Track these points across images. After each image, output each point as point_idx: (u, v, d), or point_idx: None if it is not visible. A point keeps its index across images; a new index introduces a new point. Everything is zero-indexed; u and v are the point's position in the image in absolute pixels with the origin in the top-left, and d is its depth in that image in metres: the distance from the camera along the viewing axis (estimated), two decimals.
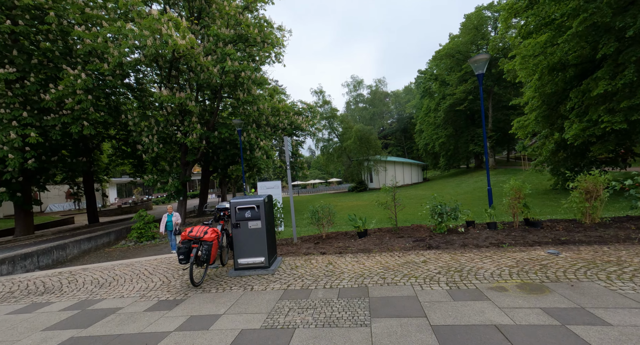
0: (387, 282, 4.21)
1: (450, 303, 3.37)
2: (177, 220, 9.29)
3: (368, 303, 3.58)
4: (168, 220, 9.20)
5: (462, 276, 4.16)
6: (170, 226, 9.22)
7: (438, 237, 6.50)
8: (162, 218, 9.31)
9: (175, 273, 5.62)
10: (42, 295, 5.06)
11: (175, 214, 9.39)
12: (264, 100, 15.56)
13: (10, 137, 11.89)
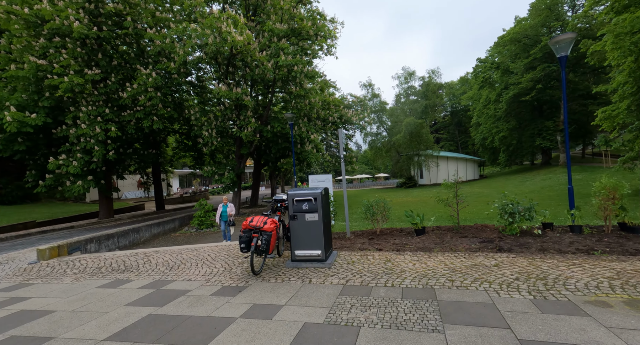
0: (456, 285, 3.86)
1: (538, 315, 2.95)
2: (231, 211, 9.62)
3: (437, 306, 3.30)
4: (223, 210, 9.61)
5: (547, 285, 3.64)
6: (225, 217, 9.58)
7: (509, 239, 5.86)
8: (218, 208, 9.72)
9: (235, 260, 5.85)
10: (123, 273, 5.61)
11: (230, 205, 9.71)
12: (315, 94, 15.59)
13: (96, 131, 13.50)
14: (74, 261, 6.70)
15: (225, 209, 9.61)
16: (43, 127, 13.73)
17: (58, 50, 12.87)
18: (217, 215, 9.63)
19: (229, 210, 9.56)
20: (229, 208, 9.62)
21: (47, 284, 5.20)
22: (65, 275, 5.70)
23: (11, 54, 13.80)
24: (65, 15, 11.95)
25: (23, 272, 6.07)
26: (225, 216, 9.58)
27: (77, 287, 4.93)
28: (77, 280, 5.29)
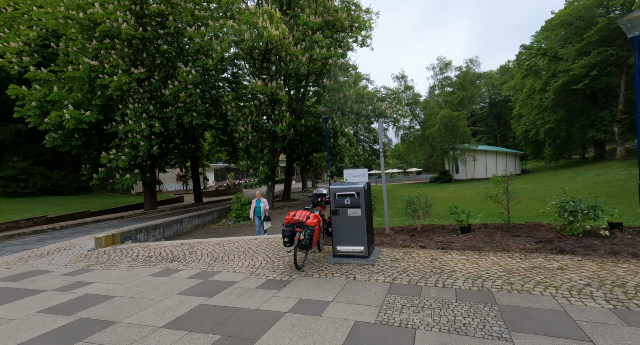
0: (516, 288, 3.57)
1: (624, 328, 2.62)
2: (265, 206, 9.62)
3: (499, 311, 3.06)
4: (256, 206, 9.62)
5: (627, 294, 3.25)
6: (258, 212, 9.58)
7: (570, 239, 5.36)
8: (251, 203, 9.79)
9: (276, 254, 5.90)
10: (172, 262, 5.87)
11: (263, 200, 9.71)
12: (349, 87, 15.33)
13: (141, 127, 14.30)
14: (127, 249, 7.14)
15: (258, 205, 9.61)
16: (96, 123, 14.79)
17: (108, 52, 13.73)
18: (251, 210, 9.71)
19: (262, 206, 9.55)
20: (263, 203, 9.62)
21: (106, 270, 5.57)
22: (121, 262, 6.08)
23: (68, 56, 14.96)
24: (115, 18, 12.67)
25: (84, 258, 6.58)
26: (259, 212, 9.59)
27: (132, 274, 5.22)
28: (131, 268, 5.62)
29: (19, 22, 14.24)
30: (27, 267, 6.16)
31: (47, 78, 14.21)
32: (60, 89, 14.18)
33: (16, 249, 7.99)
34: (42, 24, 13.95)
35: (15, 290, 4.76)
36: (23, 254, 7.38)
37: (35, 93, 13.78)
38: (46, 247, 7.99)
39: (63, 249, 7.72)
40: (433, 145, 43.49)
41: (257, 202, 9.67)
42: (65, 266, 6.06)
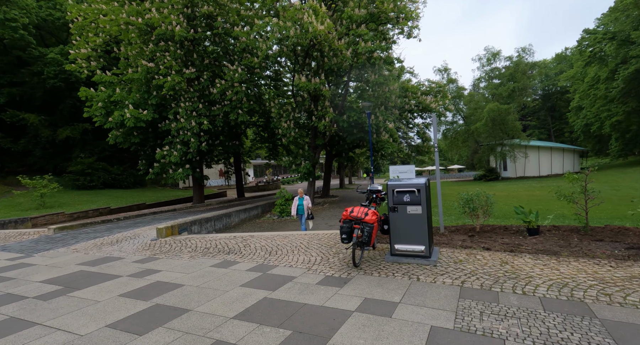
0: (617, 301, 3.14)
1: None
2: (308, 203, 9.40)
3: (602, 327, 2.69)
4: (299, 203, 9.40)
5: None
6: (302, 210, 9.35)
7: None
8: (294, 201, 9.53)
9: (329, 250, 5.84)
10: (229, 254, 6.06)
11: (306, 197, 9.48)
12: (393, 81, 14.85)
13: (191, 125, 15.07)
14: (185, 240, 7.54)
15: (301, 202, 9.38)
16: (151, 122, 15.86)
17: (162, 54, 14.60)
18: (293, 208, 9.42)
19: (305, 204, 9.34)
20: (306, 201, 9.40)
21: (170, 260, 5.90)
22: (182, 253, 6.41)
23: (127, 60, 16.18)
24: (169, 21, 13.42)
25: (149, 247, 7.05)
26: (302, 209, 9.36)
27: (194, 265, 5.47)
28: (192, 258, 5.89)
29: (87, 30, 15.65)
30: (102, 253, 6.73)
31: (111, 80, 15.49)
32: (122, 90, 15.37)
33: (90, 236, 8.81)
34: (107, 31, 15.18)
35: (96, 274, 5.20)
36: (96, 241, 8.10)
37: (101, 94, 15.09)
38: (115, 236, 8.71)
39: (129, 237, 8.36)
40: (478, 141, 40.96)
41: (299, 199, 9.42)
42: (134, 254, 6.53)
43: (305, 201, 9.39)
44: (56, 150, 26.99)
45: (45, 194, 18.29)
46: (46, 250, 7.22)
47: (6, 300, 4.19)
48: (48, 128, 25.77)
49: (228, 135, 20.68)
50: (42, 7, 25.49)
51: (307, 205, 9.33)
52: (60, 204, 19.17)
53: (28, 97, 25.84)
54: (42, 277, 5.18)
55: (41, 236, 9.01)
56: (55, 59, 23.87)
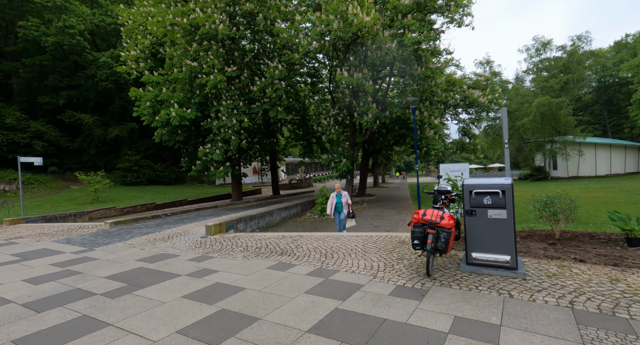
0: None
1: None
2: (347, 200, 8.43)
3: None
4: (337, 201, 8.45)
5: None
6: (340, 208, 8.43)
7: None
8: (330, 198, 8.48)
9: (389, 255, 5.41)
10: (282, 255, 5.82)
11: (344, 193, 8.50)
12: (439, 74, 13.96)
13: (232, 123, 15.23)
14: (234, 239, 7.45)
15: (339, 200, 8.43)
16: (194, 120, 16.27)
17: (205, 53, 14.87)
18: (329, 206, 8.36)
19: (344, 201, 8.39)
20: (344, 198, 8.45)
21: (224, 259, 5.78)
22: (234, 252, 6.28)
23: (171, 60, 16.70)
24: (212, 20, 13.59)
25: (200, 245, 7.03)
26: (340, 207, 8.42)
27: (250, 266, 5.28)
28: (246, 259, 5.72)
29: (136, 33, 16.34)
30: (157, 249, 6.81)
31: (157, 80, 16.06)
32: (167, 90, 15.89)
33: (142, 231, 9.06)
34: (154, 33, 15.75)
35: (155, 272, 5.18)
36: (149, 236, 8.29)
37: (149, 94, 15.70)
38: (165, 232, 8.89)
39: (179, 234, 8.47)
40: (524, 139, 38.21)
41: (337, 196, 8.47)
42: (187, 251, 6.52)
43: (344, 198, 8.47)
44: (107, 148, 28.84)
45: (99, 189, 19.51)
46: (105, 245, 7.46)
47: (77, 296, 4.23)
48: (100, 127, 27.58)
49: (265, 133, 20.80)
50: (96, 14, 27.24)
51: (346, 202, 8.45)
52: (111, 198, 20.38)
53: (83, 99, 27.81)
54: (106, 272, 5.25)
55: (99, 230, 9.44)
56: (106, 62, 25.43)
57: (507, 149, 6.29)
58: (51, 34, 23.29)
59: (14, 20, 25.22)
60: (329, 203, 8.36)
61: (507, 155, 6.30)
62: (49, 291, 4.44)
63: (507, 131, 6.31)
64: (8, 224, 11.21)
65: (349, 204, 8.44)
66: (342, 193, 8.52)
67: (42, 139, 24.68)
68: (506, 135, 6.17)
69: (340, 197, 8.48)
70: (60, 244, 7.74)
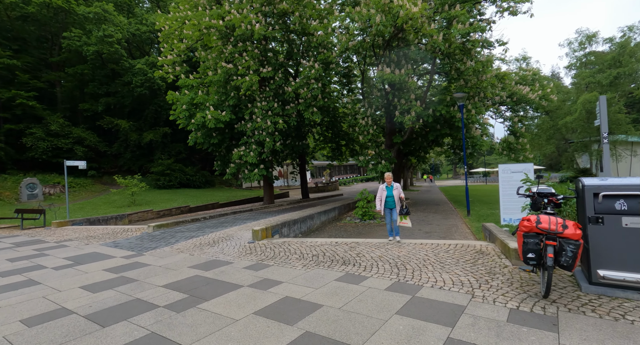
0: None
1: None
2: (400, 193, 6.81)
3: None
4: (388, 194, 6.81)
5: None
6: (392, 202, 6.78)
7: None
8: (379, 191, 6.90)
9: (474, 267, 4.68)
10: (346, 265, 5.24)
11: (396, 185, 6.88)
12: (489, 68, 12.97)
13: (267, 124, 14.94)
14: (284, 245, 6.96)
15: (391, 193, 6.80)
16: (228, 123, 16.16)
17: (240, 55, 14.73)
18: (379, 201, 6.84)
19: (396, 194, 6.76)
20: (396, 191, 6.81)
21: (282, 268, 5.27)
22: (289, 259, 5.77)
23: (205, 63, 16.74)
24: (249, 21, 13.40)
25: (251, 251, 6.59)
26: (392, 202, 6.78)
27: (314, 277, 4.73)
28: (307, 268, 5.19)
29: (173, 38, 16.54)
30: (207, 255, 6.43)
31: (193, 83, 16.12)
32: (202, 93, 15.90)
33: (185, 235, 8.81)
34: (189, 37, 15.85)
35: (214, 281, 4.74)
36: (194, 241, 7.99)
37: (185, 97, 15.77)
38: (209, 236, 8.57)
39: (224, 238, 8.11)
40: (566, 138, 35.68)
41: (388, 188, 6.85)
42: (239, 258, 6.09)
43: (396, 191, 6.81)
44: (141, 152, 29.68)
45: (135, 192, 19.89)
46: (153, 249, 7.21)
47: (139, 308, 3.84)
48: (135, 132, 28.43)
49: (296, 135, 20.47)
50: (132, 23, 28.24)
51: (398, 195, 6.77)
52: (147, 201, 20.73)
53: (119, 105, 28.82)
54: (162, 280, 4.89)
55: (143, 233, 9.29)
56: (142, 69, 26.20)
57: (606, 144, 5.40)
58: (92, 43, 24.30)
59: (59, 33, 26.59)
60: (378, 197, 6.89)
61: (606, 152, 5.40)
62: (109, 301, 4.10)
63: (606, 122, 5.41)
64: (56, 226, 11.41)
65: (401, 198, 6.79)
66: (394, 185, 6.88)
67: (82, 144, 25.72)
68: (605, 127, 5.29)
69: (391, 189, 6.84)
70: (108, 247, 7.59)
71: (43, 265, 6.14)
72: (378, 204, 6.89)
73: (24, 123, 23.98)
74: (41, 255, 7.09)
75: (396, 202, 6.79)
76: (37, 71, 26.33)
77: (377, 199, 6.91)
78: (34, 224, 12.41)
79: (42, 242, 8.72)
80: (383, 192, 6.86)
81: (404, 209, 6.74)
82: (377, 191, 6.91)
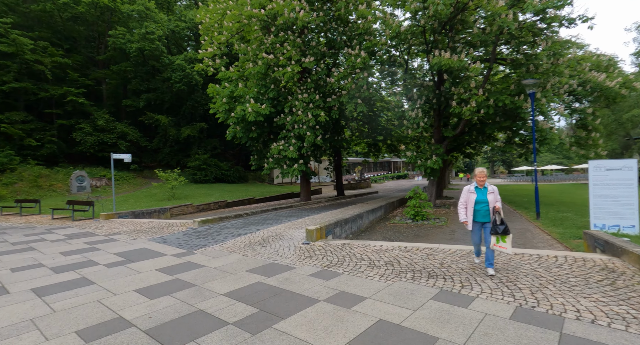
0: None
1: None
2: (496, 200, 4.52)
3: None
4: (479, 198, 4.53)
5: None
6: (485, 214, 4.51)
7: None
8: (464, 194, 4.73)
9: (623, 293, 3.63)
10: (435, 279, 4.35)
11: (491, 188, 4.59)
12: (568, 50, 11.34)
13: (308, 117, 14.25)
14: (344, 248, 6.19)
15: (484, 197, 4.54)
16: (267, 116, 15.67)
17: (281, 44, 14.11)
18: (463, 208, 4.75)
19: (491, 200, 4.51)
20: (491, 195, 4.54)
21: (357, 278, 4.49)
22: (360, 268, 4.98)
23: (245, 55, 16.33)
24: (292, 7, 12.72)
25: (309, 254, 5.88)
26: (486, 213, 4.52)
27: (402, 292, 3.90)
28: (387, 280, 4.36)
29: (213, 30, 16.28)
30: (261, 257, 5.81)
31: (233, 76, 15.79)
32: (243, 86, 15.51)
33: (232, 232, 8.33)
34: (229, 29, 15.48)
35: (281, 291, 4.06)
36: (243, 239, 7.45)
37: (225, 90, 15.47)
38: (256, 234, 8.01)
39: (274, 237, 7.50)
40: (630, 134, 32.01)
41: (479, 191, 4.60)
42: (299, 262, 5.40)
43: (492, 195, 4.53)
44: (179, 147, 30.34)
45: (175, 186, 20.12)
46: (202, 247, 6.73)
47: (205, 323, 3.23)
48: (174, 128, 29.04)
49: (334, 130, 19.67)
50: (171, 19, 28.77)
51: (493, 201, 4.50)
52: (185, 195, 20.95)
53: (159, 101, 29.55)
54: (222, 286, 4.29)
55: (189, 229, 8.95)
56: (180, 65, 26.57)
57: None
58: (135, 40, 24.95)
59: (105, 32, 27.66)
60: (462, 202, 4.75)
61: None
62: (169, 312, 3.54)
63: None
64: (104, 218, 11.49)
65: (496, 208, 4.42)
66: (488, 186, 4.61)
67: (125, 139, 26.63)
68: None
69: (484, 193, 4.55)
70: (157, 243, 7.24)
71: (95, 261, 5.82)
72: (462, 213, 4.74)
73: (74, 119, 25.20)
74: (92, 249, 6.86)
75: (490, 213, 4.48)
76: (85, 69, 27.59)
77: (460, 205, 4.79)
78: (84, 215, 12.65)
79: (92, 234, 8.61)
80: (471, 196, 4.62)
81: (500, 224, 4.31)
82: (461, 194, 4.82)
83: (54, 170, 22.66)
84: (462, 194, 4.82)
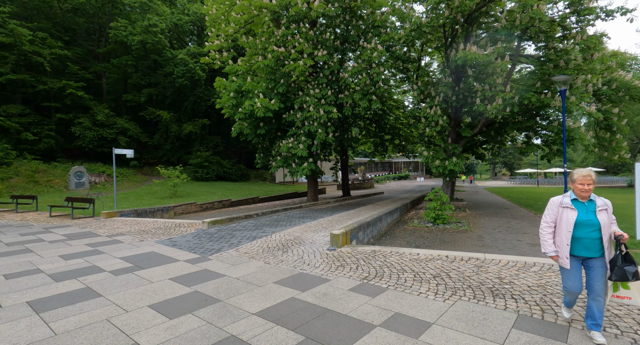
0: None
1: None
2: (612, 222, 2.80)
3: None
4: (582, 218, 2.77)
5: None
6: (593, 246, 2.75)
7: None
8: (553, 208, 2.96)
9: None
10: (503, 299, 3.71)
11: (602, 202, 2.80)
12: (602, 45, 10.74)
13: (320, 114, 13.58)
14: (377, 256, 5.55)
15: (591, 216, 2.77)
16: (276, 112, 15.00)
17: (293, 37, 13.44)
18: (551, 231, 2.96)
19: (603, 220, 2.74)
20: (603, 212, 2.78)
21: (405, 294, 3.85)
22: (404, 281, 4.34)
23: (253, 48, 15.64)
24: None
25: (340, 263, 5.23)
26: (596, 243, 2.75)
27: (471, 316, 3.26)
28: (444, 298, 3.73)
29: (220, 22, 15.59)
30: (286, 265, 5.16)
31: (241, 69, 15.10)
32: (251, 80, 14.83)
33: (245, 235, 7.68)
34: (237, 20, 14.79)
35: (323, 311, 3.41)
36: (260, 242, 6.80)
37: (233, 84, 14.78)
38: (272, 237, 7.36)
39: (292, 242, 6.85)
40: None
41: (582, 206, 2.83)
42: (330, 272, 4.75)
43: (604, 214, 2.77)
44: (180, 143, 29.60)
45: (177, 184, 19.42)
46: (217, 252, 6.07)
47: None
48: (175, 124, 28.30)
49: (342, 128, 19.02)
50: (174, 12, 28.02)
51: (608, 224, 2.77)
52: (187, 193, 20.26)
53: (161, 96, 28.80)
54: (252, 303, 3.64)
55: (198, 230, 8.29)
56: (183, 59, 25.82)
57: None
58: (136, 33, 24.18)
59: (105, 24, 26.87)
60: (547, 224, 3.00)
61: None
62: (196, 338, 2.89)
63: None
64: (105, 217, 10.80)
65: (623, 238, 2.65)
66: (597, 200, 2.84)
67: (125, 134, 25.87)
68: None
69: (591, 209, 2.82)
70: (166, 246, 6.57)
71: (99, 268, 5.16)
72: (548, 240, 2.97)
73: (73, 113, 24.42)
74: (95, 252, 6.19)
75: (605, 245, 2.76)
76: (85, 62, 26.81)
77: (543, 227, 3.00)
78: (83, 213, 11.95)
79: (94, 235, 7.94)
80: (567, 214, 2.86)
81: (628, 264, 2.60)
82: (546, 208, 3.06)
83: (51, 166, 21.90)
84: (547, 208, 3.02)
